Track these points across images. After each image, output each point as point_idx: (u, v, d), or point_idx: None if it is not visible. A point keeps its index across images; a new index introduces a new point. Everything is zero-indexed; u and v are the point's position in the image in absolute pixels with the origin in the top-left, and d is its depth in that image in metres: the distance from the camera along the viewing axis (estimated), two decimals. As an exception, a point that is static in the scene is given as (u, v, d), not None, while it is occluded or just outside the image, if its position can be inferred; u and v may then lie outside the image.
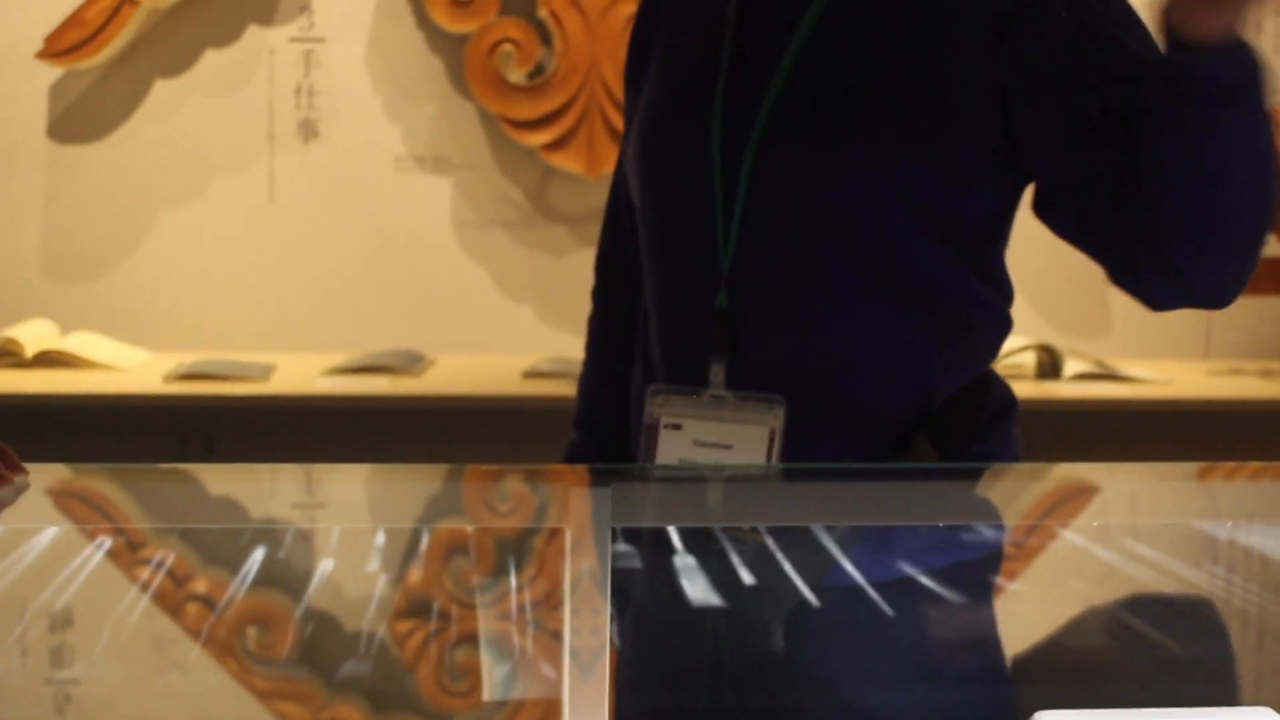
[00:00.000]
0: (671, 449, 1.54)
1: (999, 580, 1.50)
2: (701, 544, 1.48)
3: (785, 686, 1.43)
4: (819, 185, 1.49)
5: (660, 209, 1.61)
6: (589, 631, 1.18)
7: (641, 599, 1.48)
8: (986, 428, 1.56)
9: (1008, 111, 1.46)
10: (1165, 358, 3.88)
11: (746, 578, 1.44)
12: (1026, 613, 1.48)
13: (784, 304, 1.52)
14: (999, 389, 1.59)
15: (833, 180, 1.49)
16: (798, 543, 1.46)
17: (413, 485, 1.39)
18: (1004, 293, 1.58)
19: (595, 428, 1.80)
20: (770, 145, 1.51)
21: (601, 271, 1.83)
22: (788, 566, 1.44)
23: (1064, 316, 3.87)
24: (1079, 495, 1.56)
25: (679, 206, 1.59)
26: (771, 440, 1.50)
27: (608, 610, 1.17)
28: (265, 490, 1.38)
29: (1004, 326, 1.59)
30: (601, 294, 1.83)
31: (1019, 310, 1.61)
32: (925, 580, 1.46)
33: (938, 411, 1.52)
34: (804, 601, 1.44)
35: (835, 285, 1.50)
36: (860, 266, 1.50)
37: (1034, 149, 1.47)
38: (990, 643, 1.46)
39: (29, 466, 1.23)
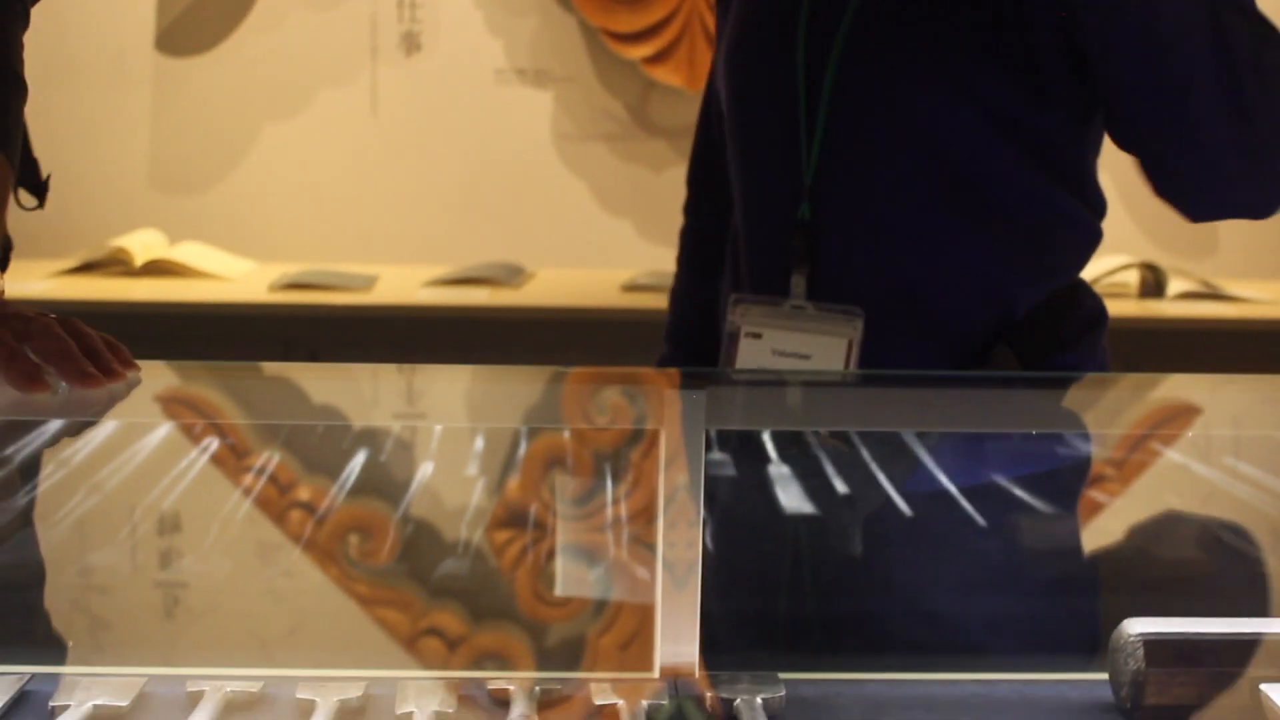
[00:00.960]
0: (751, 358, 1.55)
1: (1089, 490, 1.50)
2: (792, 448, 1.49)
3: (872, 591, 1.44)
4: (899, 97, 1.49)
5: (747, 121, 1.63)
6: (683, 544, 1.20)
7: (734, 503, 1.49)
8: (1073, 339, 1.55)
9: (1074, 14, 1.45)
10: (1273, 278, 3.82)
11: (837, 483, 1.45)
12: (1116, 524, 1.48)
13: (865, 215, 1.53)
14: (1087, 300, 1.58)
15: (912, 92, 1.49)
16: (886, 448, 1.46)
17: (509, 387, 1.41)
18: (1092, 205, 1.56)
19: (684, 341, 1.81)
20: (852, 57, 1.52)
21: (693, 185, 1.84)
22: (877, 472, 1.45)
23: (1169, 235, 3.82)
24: (1175, 407, 1.55)
25: (765, 118, 1.60)
26: (849, 351, 1.51)
27: (700, 520, 1.19)
28: (367, 391, 1.41)
29: (1091, 238, 1.57)
30: (692, 207, 1.84)
31: (1123, 228, 1.60)
32: (1013, 488, 1.46)
33: (1020, 322, 1.52)
34: (892, 507, 1.45)
35: (915, 196, 1.50)
36: (940, 177, 1.50)
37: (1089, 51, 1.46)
38: (1078, 551, 1.46)
39: (141, 365, 1.26)
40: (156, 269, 3.49)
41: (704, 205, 1.80)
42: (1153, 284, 3.49)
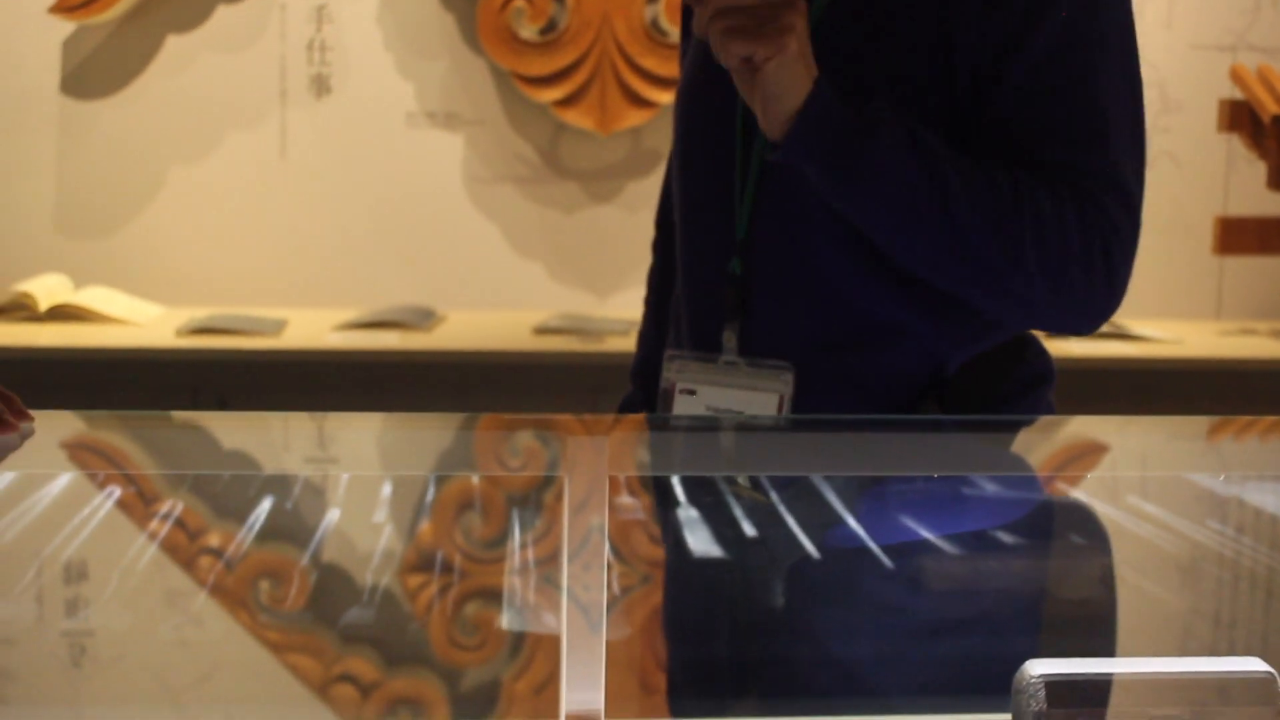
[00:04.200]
0: (686, 414, 1.55)
1: (994, 530, 1.51)
2: (699, 494, 1.49)
3: (775, 635, 1.45)
4: None
5: (688, 171, 1.62)
6: (588, 586, 1.20)
7: (640, 550, 1.49)
8: (1013, 396, 1.55)
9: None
10: (1177, 318, 3.88)
11: (747, 529, 1.46)
12: (1019, 563, 1.50)
13: (794, 270, 1.53)
14: (1035, 359, 1.58)
15: None
16: (797, 496, 1.47)
17: (419, 434, 1.41)
18: None
19: (648, 379, 1.80)
20: None
21: (660, 225, 1.83)
22: (789, 519, 1.45)
23: (1074, 275, 3.86)
24: (1083, 449, 1.57)
25: (704, 169, 1.59)
26: (780, 406, 1.51)
27: (605, 564, 1.19)
28: (276, 439, 1.40)
29: None
30: (660, 247, 1.83)
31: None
32: (918, 529, 1.47)
33: (952, 378, 1.52)
34: (805, 556, 1.45)
35: (845, 255, 1.50)
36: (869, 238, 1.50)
37: None
38: (982, 592, 1.47)
39: (40, 415, 1.24)
40: (62, 314, 3.45)
41: (671, 244, 1.79)
42: (1058, 324, 3.53)
